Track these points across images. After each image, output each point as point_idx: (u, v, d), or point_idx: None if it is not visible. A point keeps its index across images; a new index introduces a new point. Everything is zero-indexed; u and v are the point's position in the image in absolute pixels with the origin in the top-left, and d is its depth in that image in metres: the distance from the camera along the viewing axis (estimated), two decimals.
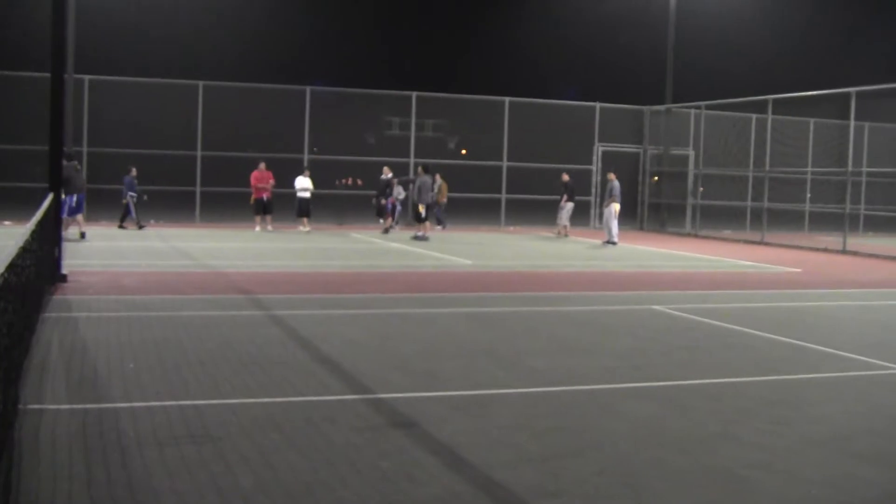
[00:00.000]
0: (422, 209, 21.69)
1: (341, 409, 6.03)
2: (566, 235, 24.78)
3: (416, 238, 21.69)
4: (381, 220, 24.11)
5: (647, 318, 10.61)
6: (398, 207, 25.39)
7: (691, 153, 29.51)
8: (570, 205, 24.73)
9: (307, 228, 23.35)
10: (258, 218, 23.52)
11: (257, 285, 12.29)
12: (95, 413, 5.68)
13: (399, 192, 25.01)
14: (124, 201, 22.15)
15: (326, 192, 27.41)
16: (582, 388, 6.84)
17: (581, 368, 7.52)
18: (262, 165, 23.43)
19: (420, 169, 22.43)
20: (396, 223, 25.80)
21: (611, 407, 6.29)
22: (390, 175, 24.09)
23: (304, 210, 23.49)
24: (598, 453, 5.21)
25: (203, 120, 25.69)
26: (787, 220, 27.41)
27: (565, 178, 24.99)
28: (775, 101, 25.03)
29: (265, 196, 23.19)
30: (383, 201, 23.89)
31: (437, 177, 25.06)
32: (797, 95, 24.34)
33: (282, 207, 24.50)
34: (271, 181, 23.36)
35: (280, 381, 6.69)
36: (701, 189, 28.36)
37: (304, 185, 23.47)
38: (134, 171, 22.35)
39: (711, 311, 11.18)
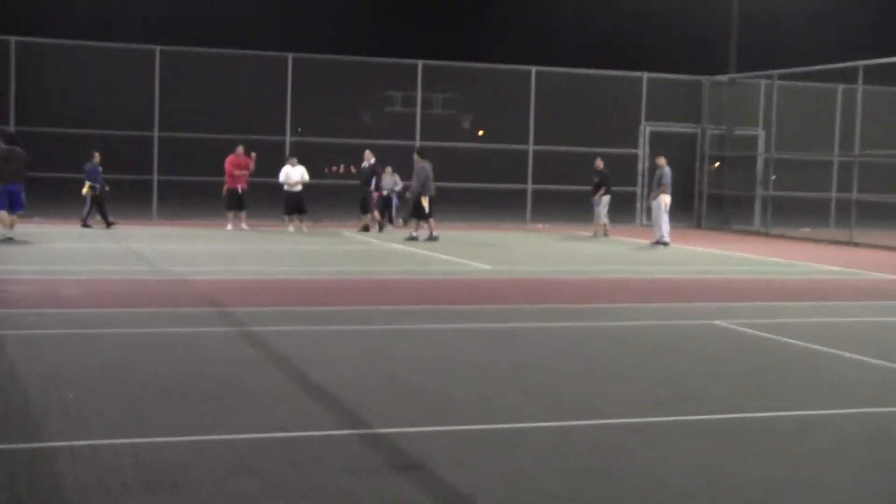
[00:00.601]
0: (424, 202, 21.63)
1: (331, 447, 6.01)
2: (606, 234, 24.75)
3: (411, 238, 21.64)
4: (372, 218, 23.94)
5: (707, 335, 10.57)
6: (394, 201, 25.39)
7: (761, 133, 29.45)
8: (607, 198, 24.63)
9: (301, 227, 23.29)
10: (231, 214, 23.60)
11: (229, 296, 12.32)
12: (25, 455, 5.68)
13: (394, 183, 25.00)
14: (84, 192, 22.22)
15: (314, 182, 27.46)
16: (624, 421, 6.81)
17: (623, 397, 7.49)
18: (240, 149, 23.50)
19: (416, 154, 22.30)
20: (391, 221, 25.73)
21: (660, 446, 6.26)
22: (373, 161, 23.70)
23: (296, 206, 23.46)
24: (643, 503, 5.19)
25: (161, 93, 25.78)
26: (882, 214, 26.91)
27: (599, 164, 24.90)
28: (867, 68, 24.76)
29: (240, 187, 23.24)
30: (374, 193, 23.59)
31: (368, 154, 24.87)
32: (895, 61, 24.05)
33: (256, 201, 24.60)
34: (251, 167, 23.41)
35: (256, 414, 6.68)
36: (773, 177, 28.29)
37: (294, 176, 23.42)
38: (97, 157, 22.41)
39: (787, 327, 11.14)
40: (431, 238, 21.63)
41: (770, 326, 11.08)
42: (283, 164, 24.53)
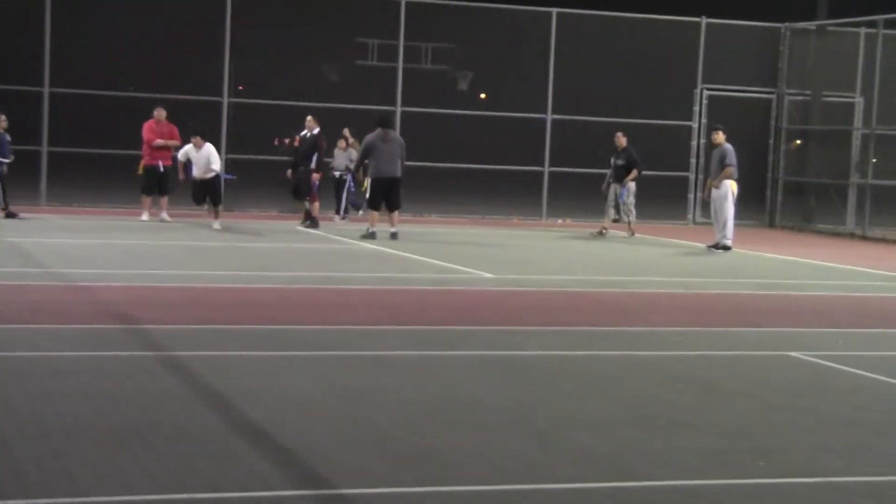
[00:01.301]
0: (365, 185, 21.78)
1: None
2: (633, 233, 24.67)
3: (369, 236, 21.47)
4: (307, 205, 23.76)
5: (779, 370, 10.55)
6: (350, 185, 25.29)
7: (859, 101, 29.50)
8: (631, 186, 24.50)
9: (217, 224, 23.00)
10: (148, 199, 23.57)
11: (144, 309, 12.28)
12: None
13: (349, 161, 24.90)
14: None
15: (256, 157, 27.49)
16: (671, 483, 6.80)
17: (666, 450, 7.48)
18: (161, 113, 23.44)
19: (378, 125, 21.87)
20: (347, 211, 25.61)
21: None
22: (316, 130, 23.20)
23: (210, 193, 22.99)
24: None
25: (53, 36, 25.70)
26: None
27: (622, 141, 24.75)
28: None
29: (162, 163, 23.20)
30: (315, 175, 23.13)
31: (347, 133, 24.69)
32: None
33: (182, 182, 24.54)
34: (176, 137, 23.35)
35: (179, 467, 6.66)
36: (874, 160, 28.30)
37: (200, 163, 22.66)
38: (3, 120, 22.19)
39: (886, 363, 11.13)
40: (369, 235, 21.32)
41: (863, 361, 11.06)
42: (224, 131, 24.56)
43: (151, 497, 6.11)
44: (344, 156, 25.23)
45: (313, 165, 22.96)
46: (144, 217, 23.13)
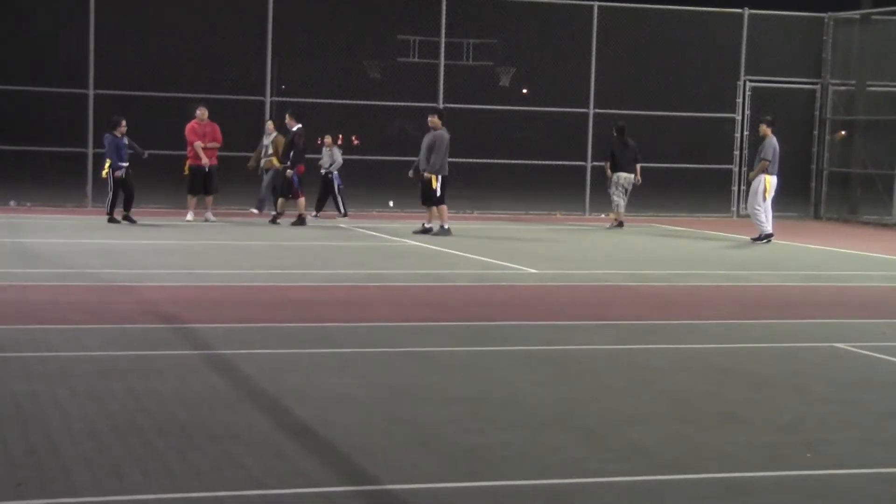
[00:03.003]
0: (435, 182, 21.57)
1: None
2: (619, 224, 24.69)
3: (423, 231, 21.65)
4: (276, 206, 23.55)
5: (827, 363, 10.49)
6: (338, 182, 25.08)
7: None
8: (621, 175, 24.51)
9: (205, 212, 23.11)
10: (193, 199, 23.67)
11: (188, 308, 12.34)
12: None
13: (332, 160, 24.72)
14: (104, 174, 22.09)
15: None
16: (722, 476, 6.77)
17: (719, 445, 7.46)
18: (203, 113, 23.53)
19: (434, 118, 22.02)
20: (319, 209, 25.28)
21: None
22: (296, 128, 23.08)
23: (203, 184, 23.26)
24: None
25: (97, 38, 25.84)
26: None
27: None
28: None
29: (206, 164, 23.29)
30: (288, 172, 22.96)
31: (271, 127, 24.27)
32: None
33: (227, 181, 24.65)
34: (218, 140, 23.45)
35: (226, 465, 6.68)
36: None
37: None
38: (123, 126, 22.14)
39: None
40: (441, 231, 21.57)
41: None
42: (261, 132, 24.63)
43: (199, 494, 6.13)
44: (329, 154, 24.96)
45: (288, 163, 22.96)
46: (189, 217, 23.23)
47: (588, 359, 10.32)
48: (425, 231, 21.72)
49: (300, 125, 22.98)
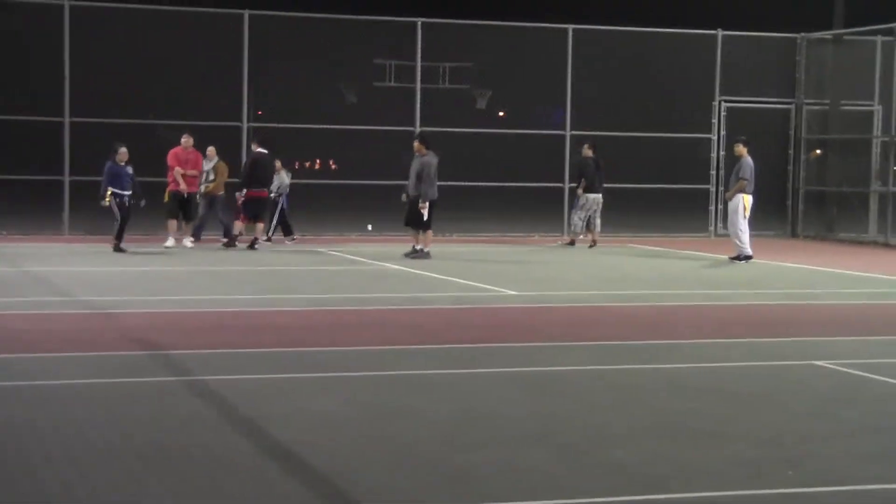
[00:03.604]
0: (423, 209, 21.56)
1: None
2: (573, 243, 24.93)
3: (414, 255, 21.64)
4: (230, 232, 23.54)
5: (806, 380, 10.52)
6: (283, 204, 24.89)
7: (877, 109, 29.43)
8: (589, 197, 24.75)
9: (183, 238, 23.09)
10: (172, 223, 23.59)
11: (167, 334, 12.30)
12: None
13: (280, 183, 24.58)
14: (106, 203, 21.90)
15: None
16: (704, 495, 6.77)
17: (701, 462, 7.46)
18: (188, 141, 23.45)
19: (417, 143, 22.17)
20: (274, 232, 25.07)
21: None
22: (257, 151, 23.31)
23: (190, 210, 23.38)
24: None
25: (72, 65, 25.83)
26: None
27: (587, 151, 25.09)
28: None
29: (184, 191, 23.19)
30: (237, 195, 22.93)
31: (212, 153, 24.06)
32: None
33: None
34: (199, 168, 23.37)
35: (207, 489, 6.66)
36: (894, 168, 28.22)
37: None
38: (122, 153, 21.88)
39: None
40: (419, 254, 21.55)
41: (891, 369, 11.04)
42: (243, 157, 24.59)
43: None
44: (277, 177, 24.71)
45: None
46: (169, 243, 23.13)
47: (568, 379, 10.32)
48: (416, 253, 21.61)
49: (260, 149, 23.15)
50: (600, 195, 24.94)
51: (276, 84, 28.26)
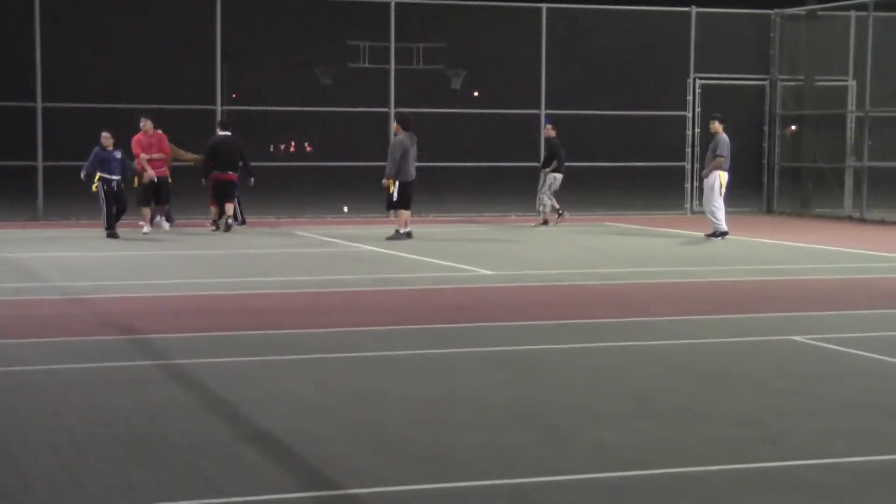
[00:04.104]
0: (392, 187, 21.58)
1: None
2: (546, 223, 25.02)
3: (395, 237, 21.63)
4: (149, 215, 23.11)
5: (784, 355, 10.58)
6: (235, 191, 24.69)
7: (852, 84, 29.50)
8: (558, 176, 24.86)
9: (160, 222, 22.88)
10: (146, 211, 23.51)
11: (146, 319, 12.28)
12: None
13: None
14: (94, 188, 21.71)
15: (252, 164, 27.42)
16: (683, 471, 6.82)
17: (679, 440, 7.51)
18: (146, 124, 23.32)
19: (396, 123, 22.24)
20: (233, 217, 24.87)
21: (734, 502, 6.26)
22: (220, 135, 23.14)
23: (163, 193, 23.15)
24: None
25: (44, 49, 25.69)
26: None
27: (550, 132, 25.18)
28: None
29: (154, 175, 23.09)
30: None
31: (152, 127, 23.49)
32: None
33: (178, 191, 24.47)
34: (165, 151, 23.26)
35: (186, 475, 6.67)
36: (869, 143, 28.32)
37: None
38: (106, 138, 21.60)
39: (889, 343, 11.15)
40: (399, 236, 21.55)
41: (867, 343, 11.08)
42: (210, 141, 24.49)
43: None
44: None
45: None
46: (146, 229, 23.03)
47: (547, 358, 10.35)
48: (403, 235, 21.61)
49: (223, 133, 23.08)
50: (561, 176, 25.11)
51: (250, 67, 28.20)
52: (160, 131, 23.26)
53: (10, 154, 26.76)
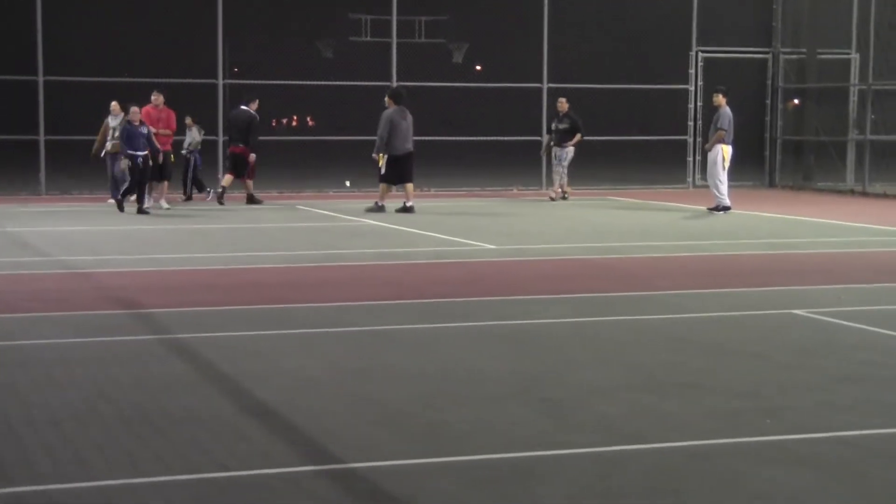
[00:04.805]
0: (381, 161, 21.75)
1: (289, 488, 6.01)
2: (564, 197, 24.95)
3: (404, 209, 21.75)
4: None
5: (784, 329, 10.57)
6: (197, 162, 24.46)
7: (855, 57, 29.43)
8: (571, 150, 24.87)
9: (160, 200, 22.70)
10: (151, 185, 23.47)
11: (147, 293, 12.28)
12: None
13: (193, 140, 24.11)
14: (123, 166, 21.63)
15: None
16: (683, 444, 6.83)
17: (680, 414, 7.51)
18: (158, 99, 23.28)
19: (388, 98, 22.31)
20: (192, 189, 24.59)
21: (734, 476, 6.27)
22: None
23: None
24: None
25: (45, 23, 25.63)
26: None
27: (564, 105, 25.09)
28: None
29: (161, 150, 23.03)
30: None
31: (117, 108, 22.86)
32: None
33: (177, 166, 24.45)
34: (172, 127, 23.20)
35: (188, 449, 6.67)
36: (872, 117, 28.28)
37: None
38: (134, 113, 21.50)
39: (892, 316, 11.14)
40: (377, 208, 21.67)
41: (868, 316, 11.08)
42: (220, 114, 24.45)
43: (162, 479, 6.12)
44: (190, 134, 24.36)
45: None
46: (148, 204, 22.99)
47: (549, 332, 10.35)
48: (406, 209, 21.74)
49: (240, 107, 23.08)
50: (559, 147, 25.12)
51: (251, 41, 28.15)
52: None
53: (11, 128, 26.74)
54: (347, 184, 27.54)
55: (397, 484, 6.08)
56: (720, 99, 22.19)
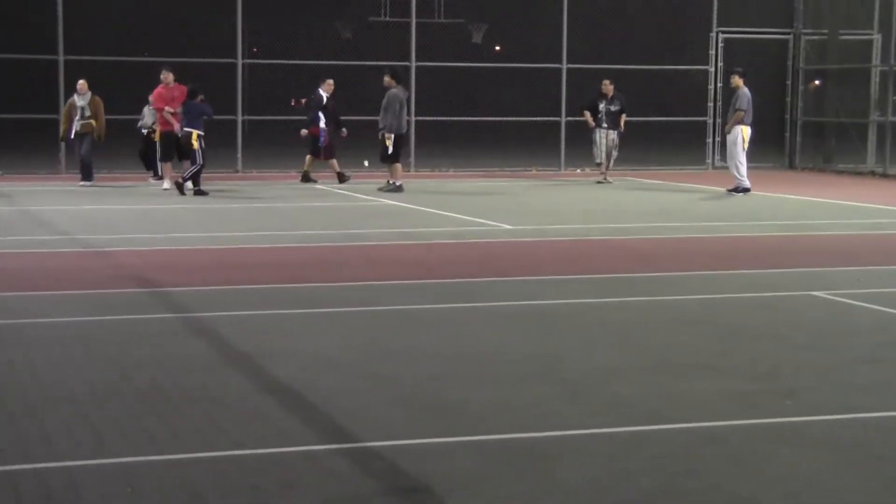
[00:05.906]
0: (388, 142, 21.83)
1: (307, 467, 6.02)
2: (605, 180, 24.82)
3: (388, 188, 21.88)
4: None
5: (804, 310, 10.55)
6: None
7: (877, 38, 29.26)
8: (613, 133, 24.73)
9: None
10: (166, 166, 23.44)
11: (165, 272, 12.31)
12: None
13: (155, 119, 23.77)
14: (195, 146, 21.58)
15: (274, 118, 27.47)
16: (701, 425, 6.82)
17: (697, 395, 7.51)
18: (167, 77, 23.24)
19: (387, 77, 22.39)
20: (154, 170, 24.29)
21: (748, 458, 6.26)
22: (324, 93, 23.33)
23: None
24: None
25: (66, 2, 25.67)
26: None
27: (610, 87, 24.87)
28: None
29: (177, 130, 23.01)
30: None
31: (83, 87, 22.61)
32: None
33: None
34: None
35: (206, 427, 6.70)
36: (893, 98, 28.14)
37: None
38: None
39: None
40: (392, 188, 21.79)
41: (888, 298, 11.04)
42: (239, 93, 24.48)
43: (179, 456, 6.15)
44: (150, 113, 23.99)
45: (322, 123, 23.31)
46: (165, 185, 22.95)
47: (567, 313, 10.35)
48: (388, 187, 21.92)
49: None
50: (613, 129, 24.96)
51: (270, 21, 28.13)
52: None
53: (32, 107, 26.80)
54: (366, 164, 27.51)
55: (415, 463, 6.09)
56: (738, 80, 22.13)
